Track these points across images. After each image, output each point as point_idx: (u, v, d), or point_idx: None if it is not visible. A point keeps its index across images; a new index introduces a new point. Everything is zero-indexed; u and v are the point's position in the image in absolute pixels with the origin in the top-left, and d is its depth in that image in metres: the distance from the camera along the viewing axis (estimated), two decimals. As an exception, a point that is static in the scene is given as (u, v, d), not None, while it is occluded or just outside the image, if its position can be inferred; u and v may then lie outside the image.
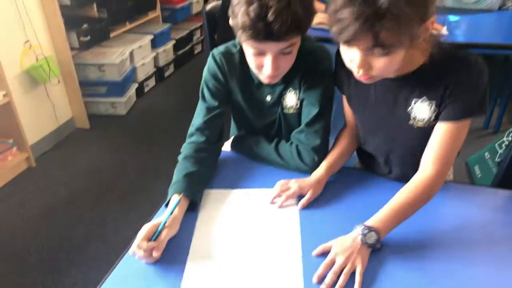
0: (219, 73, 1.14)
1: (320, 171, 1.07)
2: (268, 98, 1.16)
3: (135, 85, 3.39)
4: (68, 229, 2.09)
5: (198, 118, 1.15)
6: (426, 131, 0.94)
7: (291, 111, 1.16)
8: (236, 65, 1.14)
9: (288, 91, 1.14)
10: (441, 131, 0.91)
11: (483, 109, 0.88)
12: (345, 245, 0.85)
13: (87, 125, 3.05)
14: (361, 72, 0.85)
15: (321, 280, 0.82)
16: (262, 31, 0.89)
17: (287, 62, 1.01)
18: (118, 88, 3.14)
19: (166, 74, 3.90)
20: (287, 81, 1.13)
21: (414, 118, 0.95)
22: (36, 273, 1.84)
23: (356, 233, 0.87)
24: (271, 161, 1.16)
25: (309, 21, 0.96)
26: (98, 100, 3.17)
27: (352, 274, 0.82)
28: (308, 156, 1.11)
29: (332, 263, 0.84)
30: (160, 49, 3.71)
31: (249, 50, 0.99)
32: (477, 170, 2.36)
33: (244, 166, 1.19)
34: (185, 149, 1.13)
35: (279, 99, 1.16)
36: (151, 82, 3.69)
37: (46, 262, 1.89)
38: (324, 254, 0.87)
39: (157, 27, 3.74)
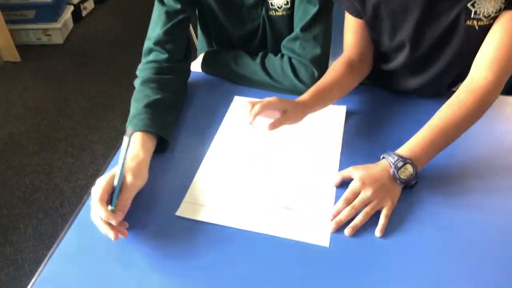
0: (179, -38, 0.83)
1: (303, 96, 0.76)
2: (248, -5, 0.87)
3: (70, 8, 2.89)
4: (9, 179, 1.78)
5: (156, 28, 0.85)
6: (487, 32, 0.71)
7: (280, 12, 0.89)
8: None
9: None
10: (505, 24, 0.67)
11: None
12: (373, 176, 0.64)
13: (17, 58, 2.59)
14: None
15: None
16: None
17: None
18: (49, 11, 2.65)
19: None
20: (272, -29, 0.84)
21: (477, 15, 0.70)
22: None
23: (386, 165, 0.65)
24: (256, 82, 0.91)
25: None
26: (26, 26, 2.68)
27: (375, 215, 0.63)
28: (306, 71, 0.86)
29: (355, 196, 0.63)
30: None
31: None
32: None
33: (222, 90, 0.92)
34: (143, 71, 0.84)
35: (263, -2, 0.87)
36: (89, 4, 3.17)
37: (-13, 221, 1.60)
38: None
39: None
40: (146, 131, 0.72)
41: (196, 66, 0.99)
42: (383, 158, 0.67)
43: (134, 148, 0.69)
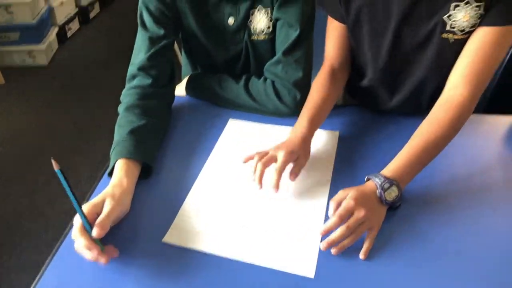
0: (162, -10, 0.84)
1: (301, 128, 0.77)
2: (230, 20, 0.89)
3: (55, 29, 2.89)
4: (-9, 206, 1.74)
5: (140, 53, 0.86)
6: (462, 47, 0.73)
7: (262, 37, 0.90)
8: (184, -23, 0.84)
9: (256, 10, 0.87)
10: (481, 40, 0.69)
11: None
12: (364, 196, 0.64)
13: (1, 80, 2.56)
14: None
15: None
16: None
17: None
18: (33, 33, 2.65)
19: (92, 15, 3.37)
20: (253, -3, 0.85)
21: (452, 28, 0.72)
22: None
23: (373, 186, 0.66)
24: (240, 105, 0.91)
25: None
26: (10, 48, 2.68)
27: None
28: (288, 94, 0.87)
29: (348, 213, 0.62)
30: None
31: None
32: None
33: (207, 114, 0.93)
34: (127, 96, 0.84)
35: (245, 22, 0.89)
36: (74, 25, 3.18)
37: (-32, 249, 1.56)
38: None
39: (74, -42, 3.15)
40: (130, 158, 0.72)
41: (180, 89, 0.99)
42: (369, 179, 0.68)
43: (117, 175, 0.69)
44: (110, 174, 0.72)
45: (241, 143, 0.84)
